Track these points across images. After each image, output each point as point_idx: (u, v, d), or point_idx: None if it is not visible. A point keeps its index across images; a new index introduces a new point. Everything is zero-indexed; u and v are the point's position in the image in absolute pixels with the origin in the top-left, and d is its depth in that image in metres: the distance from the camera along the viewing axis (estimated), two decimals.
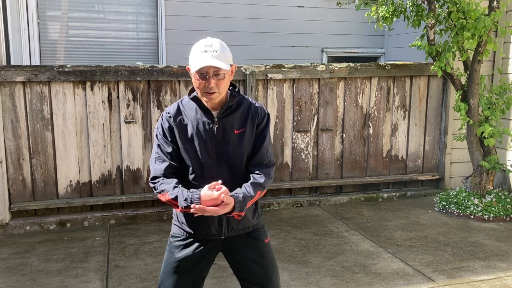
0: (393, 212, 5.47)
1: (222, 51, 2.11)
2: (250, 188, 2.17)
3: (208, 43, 2.12)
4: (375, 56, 8.55)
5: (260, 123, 2.26)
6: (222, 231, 2.26)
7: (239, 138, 2.21)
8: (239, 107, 2.23)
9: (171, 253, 2.30)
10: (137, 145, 5.15)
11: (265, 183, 2.23)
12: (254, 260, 2.31)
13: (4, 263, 4.09)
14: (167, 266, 2.29)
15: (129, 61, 7.13)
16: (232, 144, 2.21)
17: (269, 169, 2.27)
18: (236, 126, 2.21)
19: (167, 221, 5.16)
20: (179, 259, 2.26)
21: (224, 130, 2.20)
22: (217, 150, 2.20)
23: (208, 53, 2.08)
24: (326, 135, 5.76)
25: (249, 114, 2.24)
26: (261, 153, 2.26)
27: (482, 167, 5.34)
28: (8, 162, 4.81)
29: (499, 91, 5.34)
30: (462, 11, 4.94)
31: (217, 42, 2.13)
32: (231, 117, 2.21)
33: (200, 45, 2.12)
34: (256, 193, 2.18)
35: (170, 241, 2.33)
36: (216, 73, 2.08)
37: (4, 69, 4.69)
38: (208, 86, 2.09)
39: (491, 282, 3.72)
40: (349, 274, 3.85)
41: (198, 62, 2.08)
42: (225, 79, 2.12)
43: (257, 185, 2.20)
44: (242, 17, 7.76)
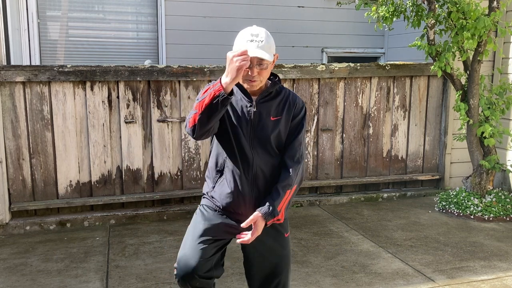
0: (393, 212, 5.47)
1: (267, 41, 2.16)
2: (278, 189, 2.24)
3: (254, 32, 2.16)
4: (375, 56, 8.55)
5: (297, 114, 2.32)
6: (250, 211, 2.28)
7: (274, 125, 2.26)
8: (277, 95, 2.30)
9: (202, 216, 2.34)
10: (137, 145, 5.15)
11: (292, 180, 2.28)
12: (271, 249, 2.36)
13: (4, 263, 4.09)
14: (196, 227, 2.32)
15: (129, 61, 7.14)
16: (266, 130, 2.25)
17: (299, 165, 2.32)
18: (272, 113, 2.27)
19: (167, 221, 5.16)
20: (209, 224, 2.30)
21: (260, 115, 2.25)
22: (251, 133, 2.24)
23: (254, 43, 2.12)
24: (326, 135, 5.76)
25: (286, 103, 2.30)
26: (294, 146, 2.31)
27: (482, 167, 5.34)
28: (8, 162, 4.81)
29: (499, 91, 5.34)
30: (462, 11, 4.94)
31: (263, 31, 2.17)
32: (269, 103, 2.27)
33: (246, 34, 2.16)
34: (285, 193, 2.24)
35: (200, 209, 2.38)
36: (259, 63, 2.14)
37: (4, 69, 4.69)
38: (251, 74, 2.14)
39: (491, 282, 3.72)
40: (349, 274, 3.85)
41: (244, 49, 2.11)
42: (268, 69, 2.19)
43: (284, 186, 2.26)
44: (242, 17, 7.75)
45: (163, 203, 5.32)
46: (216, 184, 2.32)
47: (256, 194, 2.29)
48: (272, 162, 2.29)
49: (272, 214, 2.19)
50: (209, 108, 2.04)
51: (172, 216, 5.21)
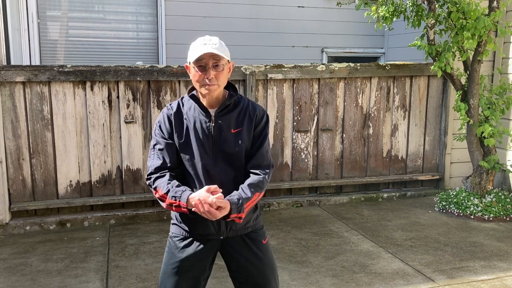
0: (393, 212, 5.47)
1: (220, 45, 2.15)
2: (247, 189, 2.16)
3: (207, 38, 2.15)
4: (375, 56, 8.55)
5: (258, 124, 2.25)
6: (220, 231, 2.25)
7: (235, 138, 2.21)
8: (236, 107, 2.23)
9: (171, 253, 2.28)
10: (137, 145, 5.15)
11: (263, 184, 2.21)
12: (251, 261, 2.29)
13: (4, 263, 4.09)
14: (168, 266, 2.28)
15: (129, 61, 7.13)
16: (228, 143, 2.20)
17: (268, 171, 2.26)
18: (232, 126, 2.21)
19: (167, 221, 5.16)
20: (180, 259, 2.25)
21: (220, 129, 2.19)
22: (213, 148, 2.19)
23: (208, 46, 2.11)
24: (326, 135, 5.76)
25: (246, 114, 2.23)
26: (260, 154, 2.25)
27: (482, 167, 5.34)
28: (8, 162, 4.81)
29: (499, 91, 5.34)
30: (462, 11, 4.94)
31: (216, 38, 2.17)
32: (228, 116, 2.21)
33: (199, 40, 2.16)
34: (254, 195, 2.16)
35: (170, 242, 2.32)
36: (215, 65, 2.10)
37: (4, 69, 4.69)
38: (207, 77, 2.10)
39: (491, 282, 3.72)
40: (349, 274, 3.85)
41: (198, 52, 2.10)
42: (224, 72, 2.14)
43: (254, 186, 2.18)
44: (242, 17, 7.75)
45: None
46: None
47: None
48: (237, 177, 2.22)
49: (238, 208, 2.08)
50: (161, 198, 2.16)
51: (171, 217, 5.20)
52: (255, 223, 2.34)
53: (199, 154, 2.18)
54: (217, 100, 2.19)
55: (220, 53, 2.09)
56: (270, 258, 2.36)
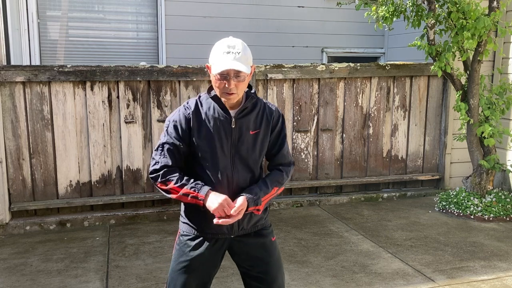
0: (393, 212, 5.47)
1: (244, 52, 2.12)
2: (266, 182, 2.23)
3: (231, 43, 2.11)
4: (375, 56, 8.55)
5: (275, 125, 2.30)
6: (233, 230, 2.26)
7: (253, 139, 2.23)
8: (254, 108, 2.25)
9: (181, 251, 2.28)
10: (137, 145, 5.15)
11: (282, 179, 2.29)
12: (260, 258, 2.32)
13: (4, 263, 4.09)
14: (178, 264, 2.28)
15: (129, 61, 7.13)
16: (246, 145, 2.22)
17: (289, 168, 2.34)
18: (251, 127, 2.23)
19: (167, 221, 5.16)
20: (190, 258, 2.25)
21: (240, 131, 2.21)
22: (231, 149, 2.20)
23: (231, 55, 2.08)
24: (326, 135, 5.76)
25: (264, 116, 2.26)
26: (281, 155, 2.33)
27: (482, 167, 5.34)
28: (8, 162, 4.81)
29: (499, 91, 5.34)
30: (462, 11, 4.94)
31: (240, 43, 2.13)
32: (247, 117, 2.22)
33: (222, 46, 2.12)
34: (273, 189, 2.23)
35: (180, 239, 2.31)
36: (237, 75, 2.09)
37: (4, 69, 4.69)
38: (228, 87, 2.09)
39: (491, 282, 3.72)
40: (349, 274, 3.85)
41: (220, 64, 2.08)
42: (245, 81, 2.14)
43: (274, 181, 2.26)
44: (242, 17, 7.75)
45: (163, 203, 5.32)
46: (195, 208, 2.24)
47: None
48: (254, 178, 2.26)
49: (255, 201, 2.15)
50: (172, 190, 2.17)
51: (172, 216, 5.20)
52: (265, 221, 2.37)
53: (217, 155, 2.19)
54: (237, 102, 2.20)
55: (242, 67, 2.08)
56: (278, 255, 2.41)
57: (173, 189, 2.14)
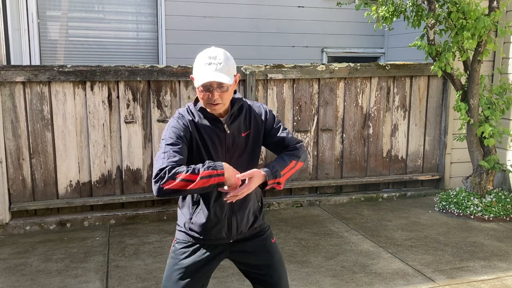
0: (393, 212, 5.47)
1: (226, 63, 2.09)
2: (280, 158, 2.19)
3: (212, 54, 2.10)
4: (375, 56, 8.54)
5: (266, 120, 2.28)
6: (231, 235, 2.25)
7: (245, 141, 2.24)
8: (242, 111, 2.25)
9: (176, 259, 2.27)
10: (137, 145, 5.15)
11: (300, 153, 2.24)
12: (263, 261, 2.31)
13: (4, 263, 4.09)
14: (172, 272, 2.26)
15: (129, 61, 7.13)
16: (240, 148, 2.23)
17: (301, 145, 2.29)
18: (242, 130, 2.23)
19: (167, 221, 5.16)
20: (185, 266, 2.23)
21: (233, 135, 2.21)
22: (226, 155, 2.20)
23: (212, 66, 2.07)
24: (326, 135, 5.76)
25: (252, 116, 2.26)
26: (287, 139, 2.28)
27: (482, 167, 5.34)
28: (8, 162, 4.81)
29: (499, 91, 5.34)
30: (462, 11, 4.94)
31: (221, 53, 2.11)
32: (236, 121, 2.22)
33: (204, 57, 2.10)
34: (291, 162, 2.18)
35: (175, 247, 2.30)
36: (219, 86, 2.08)
37: (4, 69, 4.69)
38: (211, 98, 2.09)
39: (491, 282, 3.72)
40: (349, 274, 3.85)
41: (202, 76, 2.07)
42: (229, 91, 2.13)
43: (289, 155, 2.21)
44: (242, 17, 7.75)
45: (163, 203, 5.32)
46: (194, 216, 2.24)
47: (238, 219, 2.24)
48: None
49: (274, 174, 2.09)
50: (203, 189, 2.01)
51: (172, 216, 5.20)
52: (262, 223, 2.36)
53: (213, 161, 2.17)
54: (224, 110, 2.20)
55: (223, 78, 2.06)
56: (280, 255, 2.39)
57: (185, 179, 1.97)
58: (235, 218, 2.23)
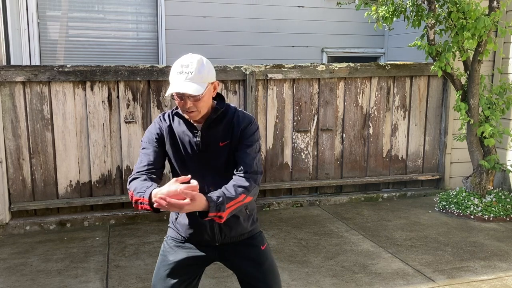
0: (393, 212, 5.47)
1: (198, 71, 2.03)
2: (231, 188, 2.02)
3: (184, 63, 2.06)
4: (375, 56, 8.54)
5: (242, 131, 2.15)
6: (215, 238, 2.22)
7: (223, 151, 2.16)
8: (223, 118, 2.17)
9: (164, 256, 2.29)
10: (137, 145, 5.15)
11: (250, 187, 2.06)
12: (251, 269, 2.26)
13: (4, 263, 4.09)
14: (160, 269, 2.27)
15: (129, 61, 7.13)
16: (216, 157, 2.16)
17: (256, 176, 2.12)
18: (220, 139, 2.16)
19: (167, 221, 5.12)
20: (173, 262, 2.23)
21: (207, 143, 2.16)
22: (200, 162, 2.17)
23: (183, 75, 2.02)
24: (326, 135, 5.76)
25: (233, 124, 2.16)
26: (246, 160, 2.11)
27: (482, 167, 5.34)
28: (8, 162, 4.81)
29: (499, 91, 5.35)
30: (462, 11, 4.93)
31: (195, 61, 2.05)
32: (215, 129, 2.16)
33: (177, 65, 2.08)
34: (239, 196, 2.01)
35: (164, 245, 2.31)
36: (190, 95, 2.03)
37: (4, 69, 4.69)
38: (185, 106, 2.06)
39: (491, 282, 3.72)
40: (349, 274, 3.85)
41: (172, 85, 2.05)
42: (204, 99, 2.06)
43: (239, 187, 2.04)
44: (242, 17, 7.75)
45: None
46: (178, 216, 2.26)
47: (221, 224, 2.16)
48: None
49: (218, 207, 1.92)
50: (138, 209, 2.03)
51: None
52: (252, 229, 2.29)
53: (187, 167, 2.17)
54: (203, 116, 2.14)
55: (190, 91, 1.98)
56: (270, 264, 2.30)
57: (131, 195, 2.03)
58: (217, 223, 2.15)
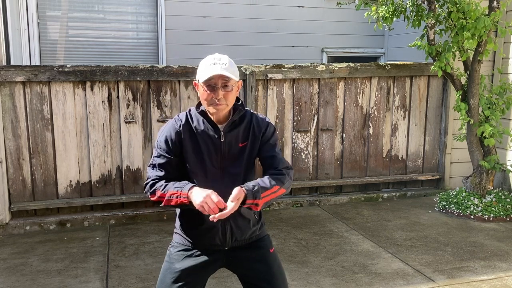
0: (393, 212, 5.47)
1: (230, 65, 2.13)
2: (265, 179, 2.12)
3: (217, 57, 2.14)
4: (375, 56, 8.54)
5: (264, 133, 2.25)
6: (226, 242, 2.23)
7: (242, 151, 2.21)
8: (242, 121, 2.23)
9: (170, 263, 2.26)
10: (137, 145, 5.15)
11: (284, 179, 2.17)
12: (260, 272, 2.26)
13: (4, 263, 4.09)
14: (166, 276, 2.26)
15: (129, 61, 7.13)
16: (235, 158, 2.20)
17: (289, 170, 2.23)
18: (240, 140, 2.21)
19: (167, 221, 5.16)
20: (179, 270, 2.22)
21: (229, 144, 2.19)
22: (221, 163, 2.19)
23: (218, 65, 2.09)
24: (326, 135, 5.76)
25: (251, 127, 2.23)
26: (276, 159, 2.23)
27: (482, 167, 5.34)
28: (8, 162, 4.81)
29: (499, 91, 5.35)
30: (462, 11, 4.94)
31: (226, 57, 2.15)
32: (235, 130, 2.20)
33: (209, 59, 2.14)
34: (273, 186, 2.11)
35: (171, 251, 2.30)
36: (224, 85, 2.09)
37: (4, 69, 4.69)
38: (216, 97, 2.09)
39: (491, 282, 3.72)
40: (349, 274, 3.85)
41: (208, 72, 2.08)
42: (233, 92, 2.13)
43: (274, 179, 2.14)
44: (242, 17, 7.75)
45: None
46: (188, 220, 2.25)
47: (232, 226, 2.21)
48: None
49: (254, 195, 2.03)
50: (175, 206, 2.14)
51: (172, 216, 5.20)
52: (260, 232, 2.32)
53: (206, 168, 2.18)
54: (224, 116, 2.19)
55: (230, 74, 2.08)
56: (278, 266, 2.32)
57: (161, 196, 2.12)
58: (229, 225, 2.19)
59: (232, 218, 2.16)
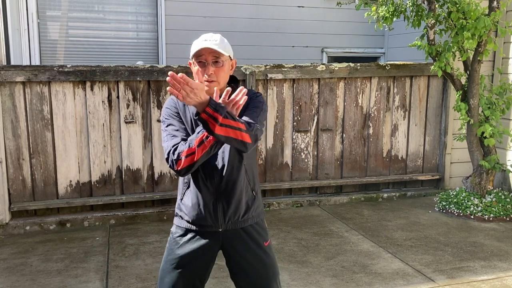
0: (393, 212, 5.47)
1: (221, 41, 2.15)
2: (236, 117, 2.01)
3: (209, 35, 2.17)
4: (375, 56, 8.54)
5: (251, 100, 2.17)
6: (218, 222, 2.21)
7: None
8: None
9: (170, 249, 2.29)
10: (137, 145, 5.15)
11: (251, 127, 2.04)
12: (252, 263, 2.27)
13: (4, 263, 4.09)
14: (167, 263, 2.29)
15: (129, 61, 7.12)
16: None
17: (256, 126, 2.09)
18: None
19: (167, 221, 5.16)
20: (178, 256, 2.25)
21: None
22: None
23: (208, 42, 2.12)
24: (326, 135, 5.76)
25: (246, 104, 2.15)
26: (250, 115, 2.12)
27: (482, 167, 5.34)
28: (8, 162, 4.81)
29: (499, 91, 5.35)
30: (462, 11, 4.94)
31: (218, 35, 2.19)
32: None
33: (201, 37, 2.18)
34: (239, 123, 1.96)
35: (170, 238, 2.32)
36: (214, 61, 2.11)
37: (4, 69, 4.69)
38: (207, 73, 2.10)
39: (491, 282, 3.72)
40: (349, 274, 3.85)
41: (198, 46, 2.11)
42: (224, 68, 2.13)
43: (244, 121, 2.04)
44: (242, 17, 7.75)
45: (163, 203, 5.32)
46: (184, 196, 2.26)
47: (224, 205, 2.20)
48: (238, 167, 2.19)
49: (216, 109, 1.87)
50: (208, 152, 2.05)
51: (172, 216, 5.18)
52: (255, 215, 2.29)
53: None
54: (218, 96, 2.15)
55: (219, 49, 2.10)
56: (272, 260, 2.32)
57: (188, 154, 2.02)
58: (221, 204, 2.19)
59: (225, 197, 2.18)
